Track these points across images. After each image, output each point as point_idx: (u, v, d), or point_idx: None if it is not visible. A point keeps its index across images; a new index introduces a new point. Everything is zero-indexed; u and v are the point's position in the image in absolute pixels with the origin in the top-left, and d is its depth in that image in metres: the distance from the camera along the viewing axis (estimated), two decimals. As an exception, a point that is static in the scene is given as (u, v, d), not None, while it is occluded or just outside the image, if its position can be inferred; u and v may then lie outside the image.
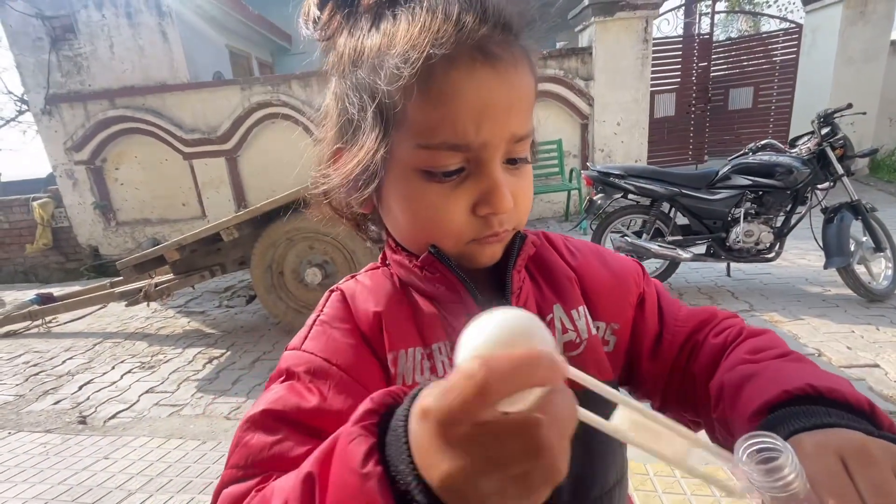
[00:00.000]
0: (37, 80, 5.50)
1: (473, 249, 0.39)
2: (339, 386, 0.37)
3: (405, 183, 0.37)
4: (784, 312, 2.66)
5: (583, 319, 0.44)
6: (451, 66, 0.32)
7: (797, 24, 6.36)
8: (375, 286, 0.44)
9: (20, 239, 6.05)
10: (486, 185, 0.35)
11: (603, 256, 0.49)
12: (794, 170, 2.66)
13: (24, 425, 2.31)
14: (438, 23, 0.32)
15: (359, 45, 0.37)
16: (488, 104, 0.33)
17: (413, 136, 0.35)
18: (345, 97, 0.39)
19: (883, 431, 0.28)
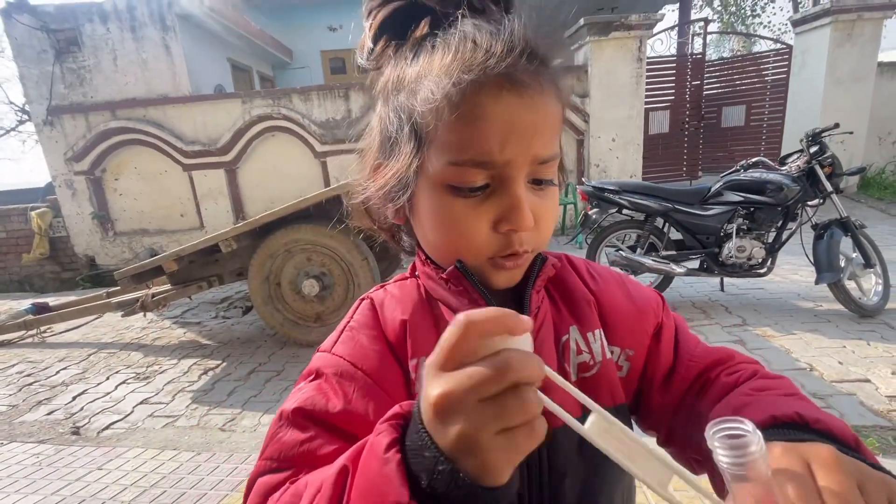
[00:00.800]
0: (40, 92, 5.56)
1: (490, 269, 0.41)
2: (363, 389, 0.40)
3: (434, 196, 0.40)
4: (777, 327, 2.69)
5: (598, 342, 0.44)
6: (479, 91, 0.35)
7: (787, 45, 6.52)
8: (403, 296, 0.46)
9: (17, 248, 6.03)
10: (509, 202, 0.37)
11: (625, 284, 0.50)
12: (784, 187, 2.72)
13: (17, 436, 2.29)
14: (469, 52, 0.36)
15: (402, 73, 0.40)
16: (513, 126, 0.36)
17: (443, 153, 0.38)
18: (387, 118, 0.42)
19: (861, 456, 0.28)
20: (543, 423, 0.26)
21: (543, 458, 0.41)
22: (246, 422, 2.23)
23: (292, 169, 5.75)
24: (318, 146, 5.62)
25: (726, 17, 14.51)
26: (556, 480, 0.41)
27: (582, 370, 0.43)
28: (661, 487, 0.26)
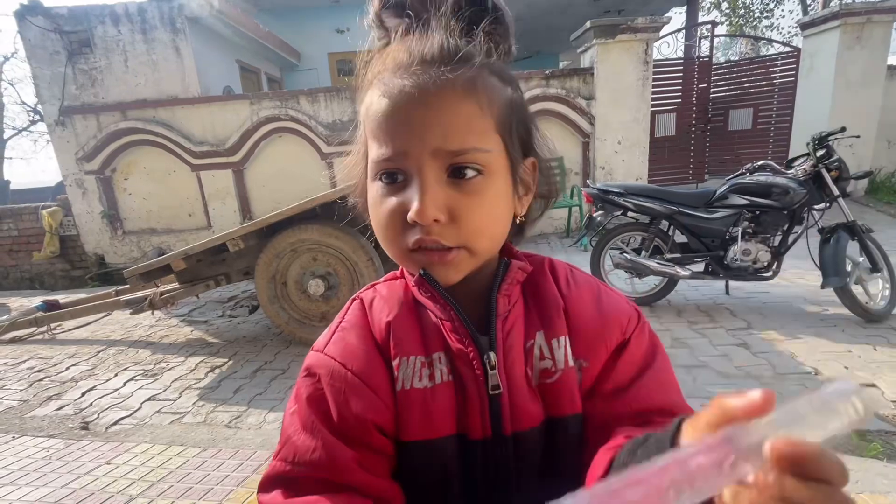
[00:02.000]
0: (52, 92, 5.65)
1: (422, 261, 0.42)
2: (352, 389, 0.42)
3: (370, 190, 0.43)
4: (782, 331, 2.68)
5: (562, 350, 0.44)
6: (388, 93, 0.39)
7: (796, 49, 6.49)
8: (390, 296, 0.48)
9: (28, 246, 6.12)
10: (413, 192, 0.39)
11: (599, 294, 0.48)
12: (790, 190, 2.71)
13: (28, 430, 2.33)
14: (382, 63, 0.42)
15: (366, 77, 0.45)
16: (407, 121, 0.39)
17: (370, 150, 0.42)
18: (360, 122, 0.47)
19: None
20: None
21: (509, 459, 0.42)
22: (252, 419, 2.25)
23: (299, 170, 5.79)
24: (325, 147, 5.66)
25: (734, 20, 14.45)
26: (522, 482, 0.43)
27: (544, 376, 0.44)
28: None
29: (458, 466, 0.42)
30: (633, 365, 0.45)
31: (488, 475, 0.42)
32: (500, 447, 0.42)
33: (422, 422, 0.42)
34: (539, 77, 5.46)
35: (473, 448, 0.42)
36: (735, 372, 2.27)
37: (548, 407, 0.43)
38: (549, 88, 5.47)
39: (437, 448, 0.42)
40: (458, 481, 0.43)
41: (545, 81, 5.48)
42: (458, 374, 0.43)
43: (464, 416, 0.42)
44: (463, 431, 0.42)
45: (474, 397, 0.42)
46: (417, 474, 0.42)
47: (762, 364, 2.33)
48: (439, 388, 0.43)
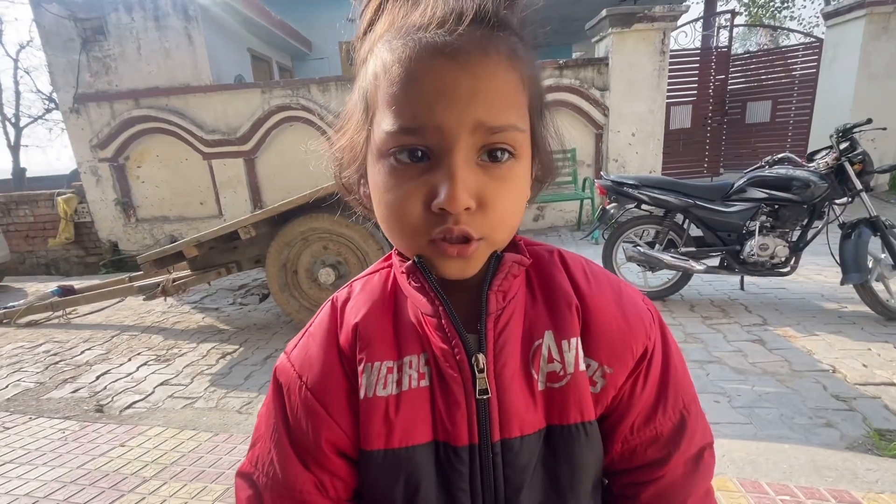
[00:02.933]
0: (66, 80, 5.69)
1: (435, 255, 0.37)
2: (303, 405, 0.41)
3: (377, 169, 0.37)
4: (798, 328, 2.63)
5: (572, 352, 0.40)
6: (412, 57, 0.33)
7: (818, 39, 6.31)
8: (366, 294, 0.44)
9: (44, 233, 6.23)
10: (441, 175, 0.34)
11: (620, 293, 0.44)
12: (811, 184, 2.64)
13: (44, 411, 2.38)
14: (405, 17, 0.35)
15: (364, 49, 0.40)
16: (446, 89, 0.33)
17: (381, 122, 0.35)
18: (355, 93, 0.42)
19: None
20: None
21: (498, 469, 0.39)
22: (261, 406, 2.27)
23: (309, 158, 5.75)
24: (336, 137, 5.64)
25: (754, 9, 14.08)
26: (511, 493, 0.39)
27: (551, 380, 0.40)
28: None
29: (434, 476, 0.39)
30: (654, 383, 0.43)
31: (475, 486, 0.39)
32: (487, 455, 0.39)
33: (384, 431, 0.39)
34: (552, 67, 5.38)
35: (459, 455, 0.39)
36: (750, 368, 2.24)
37: (551, 414, 0.40)
38: (563, 79, 5.39)
39: (404, 457, 0.39)
40: (434, 492, 0.39)
41: (558, 71, 5.40)
42: (442, 377, 0.39)
43: (447, 422, 0.39)
44: (445, 439, 0.39)
45: (460, 401, 0.39)
46: (383, 484, 0.40)
47: (778, 361, 2.29)
48: (406, 395, 0.39)
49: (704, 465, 0.43)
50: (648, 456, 0.42)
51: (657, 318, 0.44)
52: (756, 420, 1.84)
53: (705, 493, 0.43)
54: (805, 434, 1.74)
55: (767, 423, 1.82)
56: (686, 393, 0.44)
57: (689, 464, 0.42)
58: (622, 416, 0.42)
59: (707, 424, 0.45)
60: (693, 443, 0.43)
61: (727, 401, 1.99)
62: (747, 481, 1.48)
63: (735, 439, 1.72)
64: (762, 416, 1.86)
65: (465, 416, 0.39)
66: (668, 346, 0.44)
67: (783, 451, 1.62)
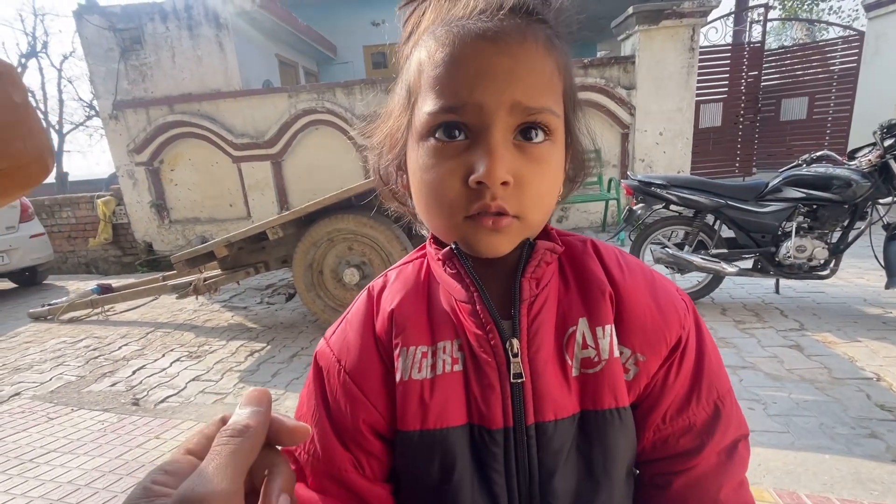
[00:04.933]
0: (106, 88, 5.97)
1: (469, 231, 0.38)
2: (342, 388, 0.43)
3: (418, 152, 0.39)
4: (839, 333, 2.51)
5: (607, 339, 0.41)
6: (454, 42, 0.36)
7: (858, 32, 6.03)
8: (401, 283, 0.46)
9: (84, 233, 6.54)
10: (481, 151, 0.35)
11: (654, 282, 0.45)
12: (852, 183, 2.52)
13: (85, 403, 2.49)
14: (448, 9, 0.37)
15: (406, 48, 0.42)
16: (484, 69, 0.35)
17: (423, 105, 0.38)
18: (398, 90, 0.43)
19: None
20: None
21: (532, 452, 0.40)
22: (289, 402, 2.32)
23: (334, 161, 5.89)
24: (360, 139, 5.73)
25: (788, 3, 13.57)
26: (545, 476, 0.40)
27: (585, 366, 0.41)
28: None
29: (469, 458, 0.40)
30: (687, 372, 0.43)
31: (510, 468, 0.40)
32: (522, 438, 0.40)
33: (419, 412, 0.41)
34: (577, 66, 5.30)
35: (494, 438, 0.40)
36: (787, 375, 2.15)
37: (585, 399, 0.41)
38: (588, 78, 5.31)
39: (438, 438, 0.40)
40: (470, 472, 0.40)
41: (583, 70, 5.33)
42: (476, 361, 0.40)
43: (482, 406, 0.40)
44: (479, 422, 0.40)
45: (495, 385, 0.40)
46: (419, 464, 0.41)
47: (817, 367, 2.19)
48: (441, 379, 0.41)
49: (738, 457, 0.42)
50: (681, 446, 0.42)
51: (692, 308, 0.45)
52: (794, 429, 1.77)
53: (739, 484, 0.42)
54: (847, 444, 1.66)
55: (806, 432, 1.75)
56: (721, 384, 0.43)
57: (722, 454, 0.42)
58: (654, 404, 0.42)
59: (742, 416, 0.45)
60: (727, 434, 0.42)
61: (762, 408, 1.91)
62: (785, 492, 1.42)
63: (771, 448, 1.65)
64: (800, 425, 1.79)
65: (499, 400, 0.40)
66: (703, 337, 0.44)
67: (823, 461, 1.55)
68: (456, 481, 0.40)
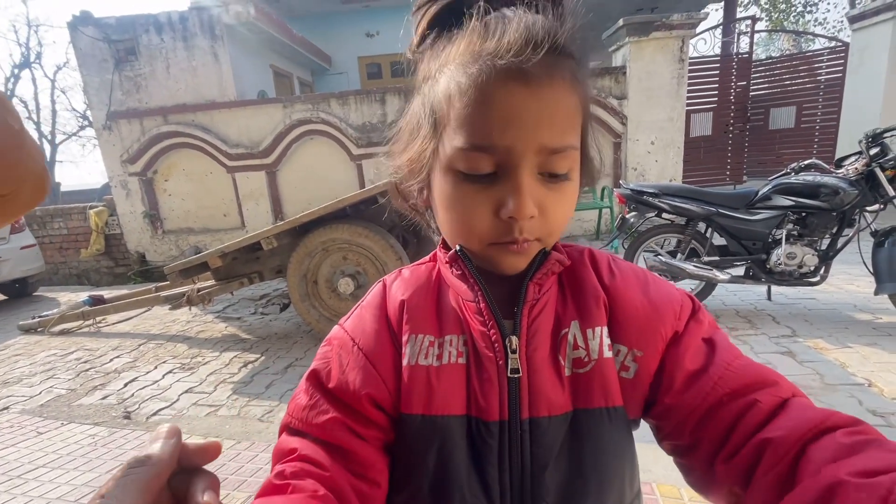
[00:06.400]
0: (100, 98, 5.96)
1: (494, 254, 0.42)
2: (355, 363, 0.44)
3: (445, 180, 0.41)
4: (830, 339, 2.53)
5: (597, 340, 0.43)
6: (486, 79, 0.37)
7: (843, 43, 6.17)
8: (412, 279, 0.49)
9: (76, 244, 6.48)
10: (510, 188, 0.38)
11: (647, 282, 0.47)
12: (840, 191, 2.57)
13: (75, 417, 2.45)
14: (480, 41, 0.38)
15: (430, 65, 0.43)
16: (515, 113, 0.36)
17: (452, 138, 0.39)
18: (418, 106, 0.44)
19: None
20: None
21: (526, 446, 0.41)
22: (283, 414, 2.30)
23: (329, 171, 5.90)
24: (355, 149, 5.75)
25: (775, 15, 13.87)
26: (537, 470, 0.41)
27: (576, 365, 0.43)
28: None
29: (465, 449, 0.42)
30: (697, 346, 0.43)
31: (504, 460, 0.42)
32: (516, 432, 0.41)
33: (424, 397, 0.43)
34: (569, 77, 5.38)
35: (490, 430, 0.41)
36: (779, 381, 2.16)
37: (578, 398, 0.43)
38: (580, 88, 5.38)
39: (439, 425, 0.42)
40: (465, 462, 0.42)
41: (575, 81, 5.39)
42: (478, 356, 0.43)
43: (481, 398, 0.42)
44: (477, 414, 0.42)
45: (493, 379, 0.42)
46: (418, 448, 0.43)
47: (809, 374, 2.21)
48: (446, 369, 0.43)
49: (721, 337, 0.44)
50: (690, 395, 0.41)
51: (693, 304, 0.46)
52: (787, 435, 1.78)
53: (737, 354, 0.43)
54: (840, 451, 1.67)
55: (799, 438, 1.76)
56: (735, 358, 0.42)
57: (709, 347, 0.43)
58: (669, 384, 0.42)
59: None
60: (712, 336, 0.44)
61: (756, 415, 1.92)
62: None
63: (765, 455, 1.66)
64: (793, 432, 1.80)
65: (496, 393, 0.42)
66: (710, 326, 0.45)
67: (817, 468, 1.56)
68: (451, 470, 0.42)
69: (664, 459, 0.47)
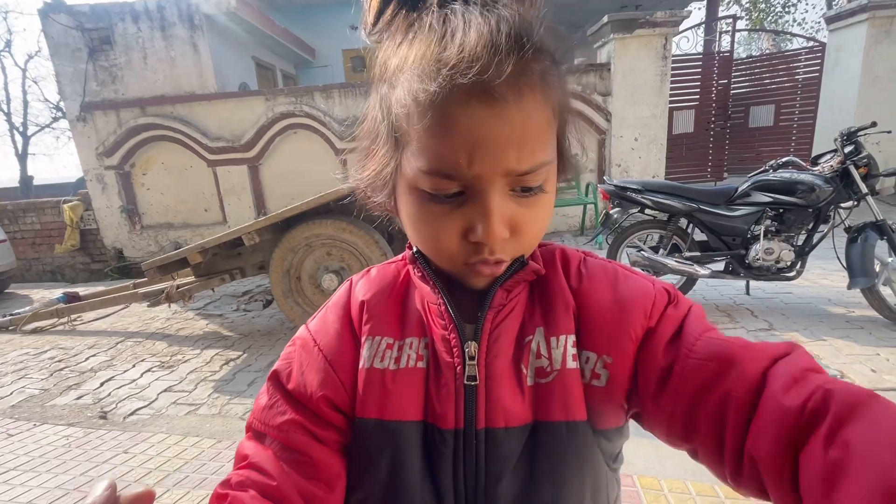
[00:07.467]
0: (74, 89, 5.76)
1: (465, 272, 0.40)
2: (314, 363, 0.44)
3: (410, 198, 0.39)
4: (806, 332, 2.60)
5: (560, 349, 0.41)
6: (446, 101, 0.33)
7: (820, 43, 6.31)
8: (379, 277, 0.48)
9: (50, 239, 6.28)
10: (478, 212, 0.35)
11: (616, 281, 0.43)
12: (816, 187, 2.63)
13: (49, 418, 2.38)
14: (440, 50, 0.33)
15: (386, 59, 0.38)
16: (481, 141, 0.33)
17: (415, 159, 0.36)
18: (376, 105, 0.40)
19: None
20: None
21: (481, 457, 0.40)
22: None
23: (313, 165, 5.82)
24: (339, 143, 5.68)
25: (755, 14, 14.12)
26: (491, 482, 0.40)
27: (539, 375, 0.41)
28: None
29: (419, 456, 0.41)
30: (663, 338, 0.39)
31: (458, 470, 0.40)
32: (471, 441, 0.40)
33: (379, 400, 0.42)
34: (555, 73, 5.39)
35: (445, 438, 0.40)
36: (756, 373, 2.21)
37: (538, 409, 0.40)
38: (565, 84, 5.40)
39: (392, 430, 0.41)
40: (419, 469, 0.41)
41: (561, 77, 5.41)
42: (437, 361, 0.42)
43: (436, 404, 0.41)
44: (433, 420, 0.41)
45: (450, 385, 0.41)
46: (371, 452, 0.42)
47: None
48: (403, 373, 0.42)
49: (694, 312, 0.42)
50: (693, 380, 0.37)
51: (670, 296, 0.42)
52: (764, 426, 1.82)
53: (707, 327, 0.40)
54: (814, 440, 1.72)
55: (775, 429, 1.80)
56: (699, 337, 0.39)
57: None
58: (645, 389, 0.39)
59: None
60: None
61: (734, 407, 1.97)
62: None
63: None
64: (770, 423, 1.84)
65: (453, 400, 0.40)
66: (692, 311, 0.41)
67: (792, 457, 1.60)
68: (404, 476, 0.41)
69: (644, 452, 0.46)
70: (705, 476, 1.54)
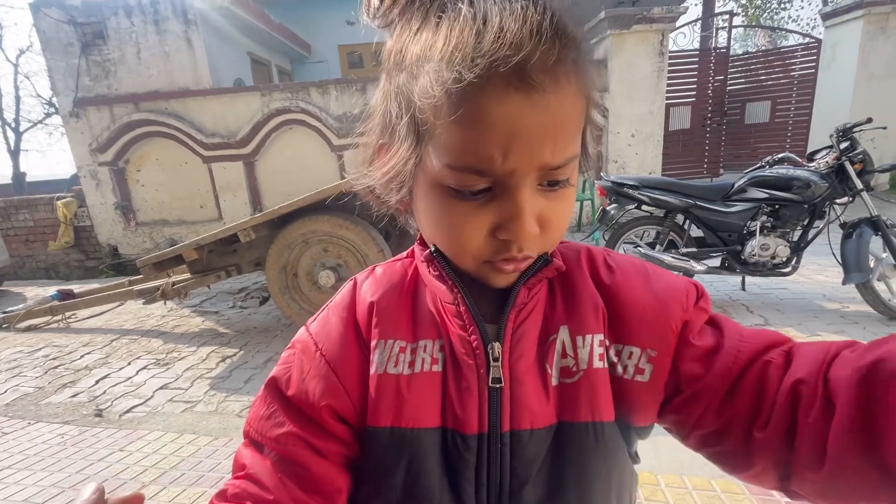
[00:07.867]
0: (66, 84, 5.70)
1: (488, 271, 0.38)
2: (316, 370, 0.42)
3: (432, 195, 0.37)
4: (801, 328, 2.62)
5: (587, 349, 0.40)
6: (482, 92, 0.31)
7: (816, 40, 6.33)
8: (386, 277, 0.45)
9: (43, 236, 6.23)
10: (510, 210, 0.34)
11: (647, 275, 0.43)
12: (811, 184, 2.64)
13: (43, 416, 2.36)
14: (475, 36, 0.30)
15: (404, 46, 0.35)
16: (519, 132, 0.31)
17: (441, 154, 0.34)
18: (389, 98, 0.38)
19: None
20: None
21: (505, 461, 0.39)
22: (262, 409, 2.26)
23: (309, 162, 5.79)
24: (335, 140, 5.65)
25: (751, 10, 14.13)
26: (516, 487, 0.39)
27: (564, 375, 0.40)
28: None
29: (439, 463, 0.39)
30: (708, 332, 0.40)
31: (481, 475, 0.39)
32: (496, 445, 0.38)
33: (393, 408, 0.39)
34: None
35: (468, 443, 0.38)
36: (752, 369, 2.23)
37: (564, 410, 0.39)
38: (562, 80, 5.39)
39: (409, 438, 0.39)
40: (438, 476, 0.39)
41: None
42: (456, 363, 0.40)
43: (458, 409, 0.39)
44: (453, 426, 0.39)
45: (473, 388, 0.39)
46: (386, 462, 0.40)
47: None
48: (419, 377, 0.40)
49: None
50: (708, 375, 0.39)
51: (700, 289, 0.43)
52: (759, 421, 1.83)
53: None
54: (809, 435, 1.73)
55: (771, 424, 1.81)
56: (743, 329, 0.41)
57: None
58: (689, 377, 0.39)
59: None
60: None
61: (730, 402, 1.98)
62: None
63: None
64: (765, 417, 1.85)
65: (476, 404, 0.39)
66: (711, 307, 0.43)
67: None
68: (423, 486, 0.39)
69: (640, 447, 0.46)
70: (702, 470, 1.55)
